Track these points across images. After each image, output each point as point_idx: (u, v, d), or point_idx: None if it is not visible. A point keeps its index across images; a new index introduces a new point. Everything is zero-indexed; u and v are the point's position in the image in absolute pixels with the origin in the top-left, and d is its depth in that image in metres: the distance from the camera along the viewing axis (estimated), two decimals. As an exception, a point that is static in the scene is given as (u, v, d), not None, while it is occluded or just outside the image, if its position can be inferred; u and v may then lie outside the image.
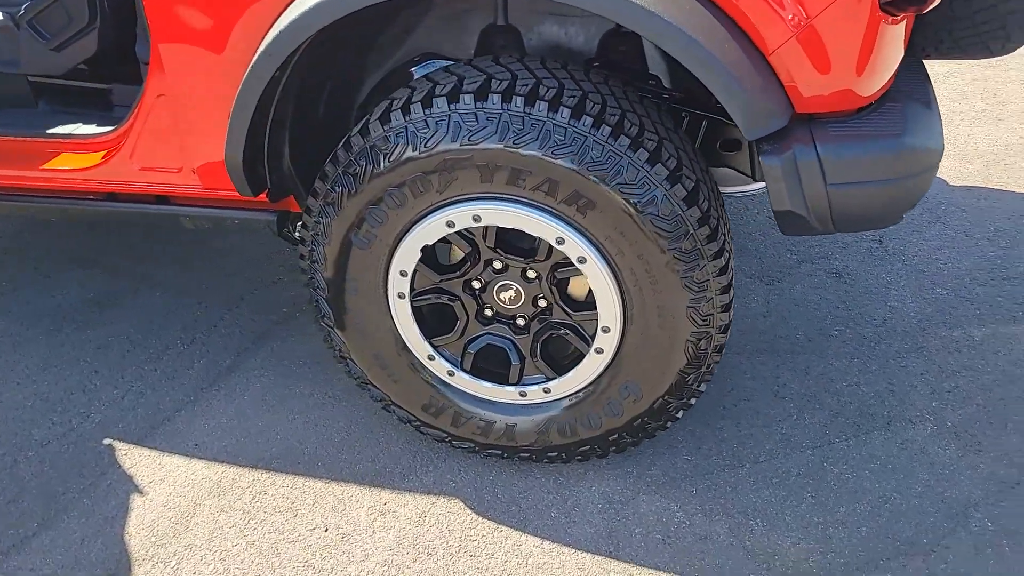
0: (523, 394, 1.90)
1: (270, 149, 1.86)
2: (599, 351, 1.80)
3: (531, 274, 1.80)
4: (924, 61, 2.00)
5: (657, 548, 1.82)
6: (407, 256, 1.79)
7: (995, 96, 3.47)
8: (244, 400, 2.29)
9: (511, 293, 1.84)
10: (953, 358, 2.23)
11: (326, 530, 1.92)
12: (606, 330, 1.77)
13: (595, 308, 1.77)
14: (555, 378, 1.87)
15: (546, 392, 1.89)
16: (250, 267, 2.80)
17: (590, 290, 1.79)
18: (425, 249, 1.78)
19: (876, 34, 1.56)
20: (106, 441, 2.19)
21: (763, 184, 2.20)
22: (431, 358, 1.92)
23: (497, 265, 1.81)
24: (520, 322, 1.87)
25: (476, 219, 1.71)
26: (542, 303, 1.83)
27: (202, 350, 2.47)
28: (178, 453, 2.14)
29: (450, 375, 1.92)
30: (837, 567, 1.76)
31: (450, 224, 1.73)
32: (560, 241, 1.70)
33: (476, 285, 1.86)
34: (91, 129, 2.08)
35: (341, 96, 2.02)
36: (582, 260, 1.70)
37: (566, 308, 1.81)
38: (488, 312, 1.88)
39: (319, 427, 2.18)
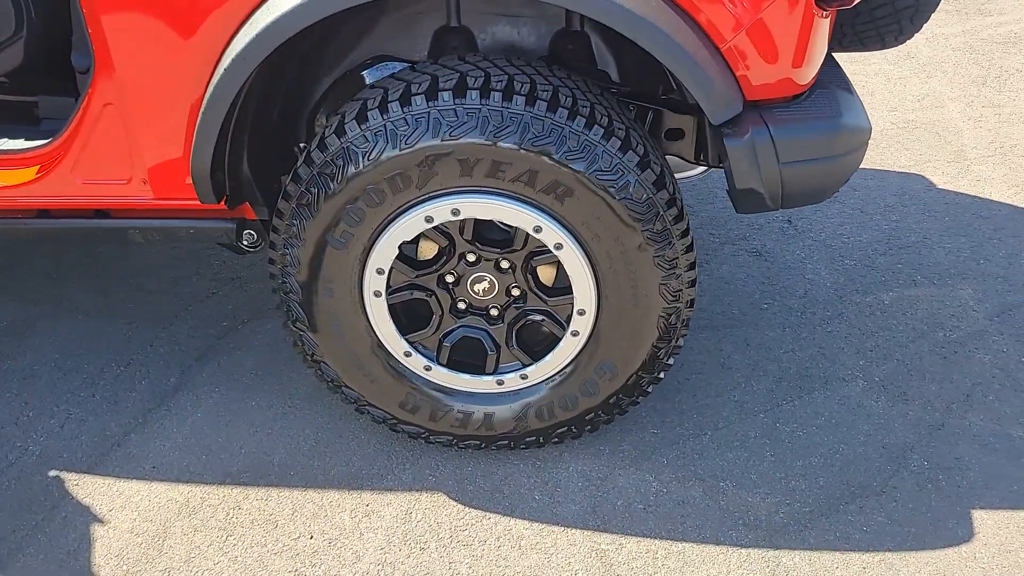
0: (500, 383, 1.95)
1: (231, 155, 1.83)
2: (575, 333, 1.88)
3: (505, 264, 1.86)
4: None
5: (640, 517, 1.92)
6: (384, 254, 1.80)
7: (863, 88, 3.81)
8: (198, 418, 2.21)
9: (485, 285, 1.88)
10: (870, 320, 2.46)
11: (311, 537, 1.90)
12: (582, 312, 1.85)
13: (568, 293, 1.85)
14: (532, 364, 1.93)
15: (523, 378, 1.94)
16: (176, 284, 2.69)
17: (558, 275, 1.87)
18: (402, 246, 1.80)
19: (811, 27, 1.73)
20: (52, 473, 2.07)
21: (700, 170, 2.36)
22: (408, 354, 1.93)
23: (471, 258, 1.86)
24: (494, 312, 1.92)
25: (455, 213, 1.75)
26: (515, 292, 1.89)
27: (142, 371, 2.36)
28: (136, 478, 2.05)
29: (427, 370, 1.95)
30: (804, 515, 1.91)
31: (428, 219, 1.76)
32: (538, 229, 1.76)
33: (450, 279, 1.89)
34: (19, 144, 1.96)
35: (292, 100, 2.01)
36: (559, 247, 1.78)
37: (541, 295, 1.88)
38: (461, 305, 1.92)
39: (284, 437, 2.15)
